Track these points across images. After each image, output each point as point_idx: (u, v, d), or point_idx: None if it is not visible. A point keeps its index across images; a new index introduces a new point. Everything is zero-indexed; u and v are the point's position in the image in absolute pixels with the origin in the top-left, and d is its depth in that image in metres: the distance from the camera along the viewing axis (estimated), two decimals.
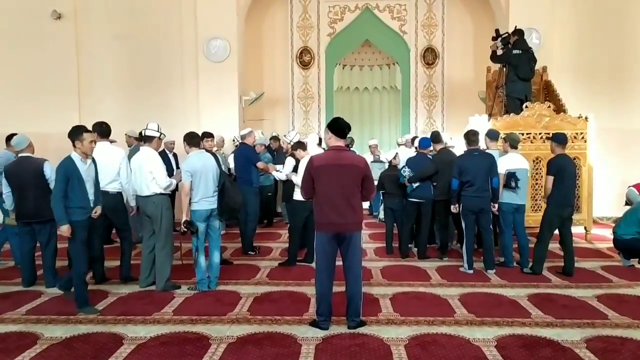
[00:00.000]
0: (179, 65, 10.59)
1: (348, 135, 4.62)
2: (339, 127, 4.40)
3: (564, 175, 5.97)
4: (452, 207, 6.53)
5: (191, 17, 10.40)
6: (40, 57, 10.38)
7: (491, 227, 6.54)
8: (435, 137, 7.41)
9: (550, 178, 6.01)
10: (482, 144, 6.95)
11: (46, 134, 9.43)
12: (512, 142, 6.73)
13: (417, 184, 6.91)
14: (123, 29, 10.53)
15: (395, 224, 7.47)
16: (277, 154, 9.47)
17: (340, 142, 4.42)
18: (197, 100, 10.49)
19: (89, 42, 10.58)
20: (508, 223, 6.55)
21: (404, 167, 7.02)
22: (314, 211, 4.45)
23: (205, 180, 5.43)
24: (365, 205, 11.42)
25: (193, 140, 5.59)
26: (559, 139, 6.20)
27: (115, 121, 9.80)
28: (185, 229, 5.34)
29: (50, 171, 5.54)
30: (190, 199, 5.40)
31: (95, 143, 5.06)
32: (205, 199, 5.43)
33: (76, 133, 4.88)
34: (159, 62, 10.62)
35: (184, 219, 5.35)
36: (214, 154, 6.22)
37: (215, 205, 5.50)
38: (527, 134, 7.81)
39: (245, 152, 7.41)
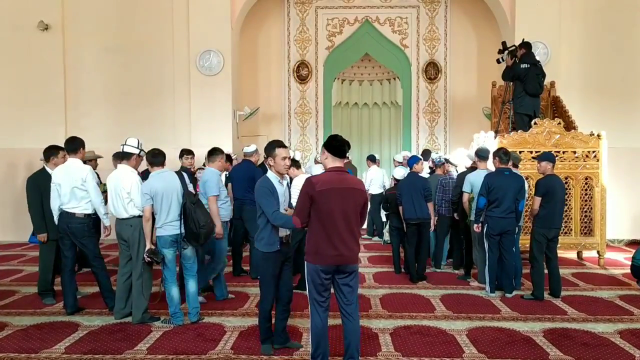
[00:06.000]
0: (170, 78, 10.16)
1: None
2: (338, 145, 3.83)
3: (551, 197, 5.87)
4: (475, 226, 6.23)
5: (184, 29, 10.00)
6: (25, 69, 9.97)
7: (514, 249, 6.17)
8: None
9: (538, 199, 5.95)
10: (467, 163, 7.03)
11: (30, 148, 9.04)
12: (513, 160, 6.43)
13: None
14: (113, 40, 10.13)
15: (401, 245, 7.25)
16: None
17: (340, 163, 3.86)
18: (188, 115, 10.05)
19: (77, 54, 10.16)
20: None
21: None
22: (307, 240, 3.86)
23: (168, 203, 4.87)
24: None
25: (156, 158, 5.02)
26: (550, 158, 6.08)
27: (103, 136, 9.54)
28: (149, 259, 4.83)
29: None
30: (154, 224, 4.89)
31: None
32: (169, 224, 4.89)
33: None
34: (150, 75, 10.18)
35: (147, 246, 4.84)
36: (181, 173, 5.64)
37: (181, 230, 4.95)
38: (537, 152, 7.35)
39: (251, 171, 6.84)
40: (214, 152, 5.78)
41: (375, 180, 9.74)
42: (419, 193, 6.71)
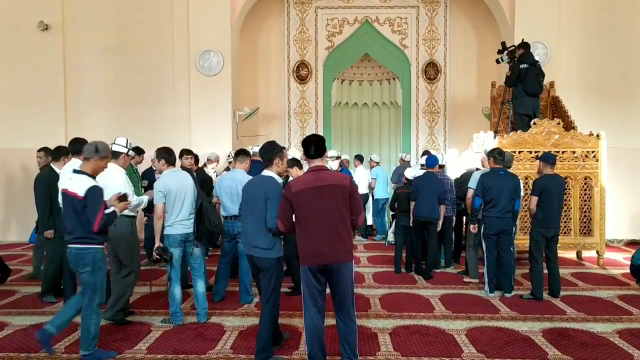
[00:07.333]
0: (170, 78, 10.16)
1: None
2: (304, 147, 3.84)
3: (547, 196, 5.90)
4: (471, 226, 6.33)
5: (184, 29, 10.01)
6: (25, 70, 9.97)
7: (511, 249, 6.16)
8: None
9: (534, 198, 5.96)
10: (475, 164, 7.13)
11: (30, 149, 9.01)
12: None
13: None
14: (113, 41, 10.14)
15: (405, 245, 7.37)
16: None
17: (318, 162, 3.84)
18: (188, 115, 10.05)
19: (76, 55, 10.16)
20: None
21: None
22: (297, 242, 3.85)
23: (181, 202, 4.89)
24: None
25: (172, 157, 5.06)
26: (548, 159, 6.08)
27: (103, 136, 9.43)
28: (158, 256, 4.83)
29: None
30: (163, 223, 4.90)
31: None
32: (179, 223, 4.89)
33: None
34: (150, 75, 10.19)
35: (157, 244, 4.84)
36: (189, 172, 5.66)
37: (191, 229, 4.95)
38: (536, 152, 7.35)
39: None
40: (241, 153, 5.83)
41: (362, 180, 9.80)
42: (435, 194, 6.85)
